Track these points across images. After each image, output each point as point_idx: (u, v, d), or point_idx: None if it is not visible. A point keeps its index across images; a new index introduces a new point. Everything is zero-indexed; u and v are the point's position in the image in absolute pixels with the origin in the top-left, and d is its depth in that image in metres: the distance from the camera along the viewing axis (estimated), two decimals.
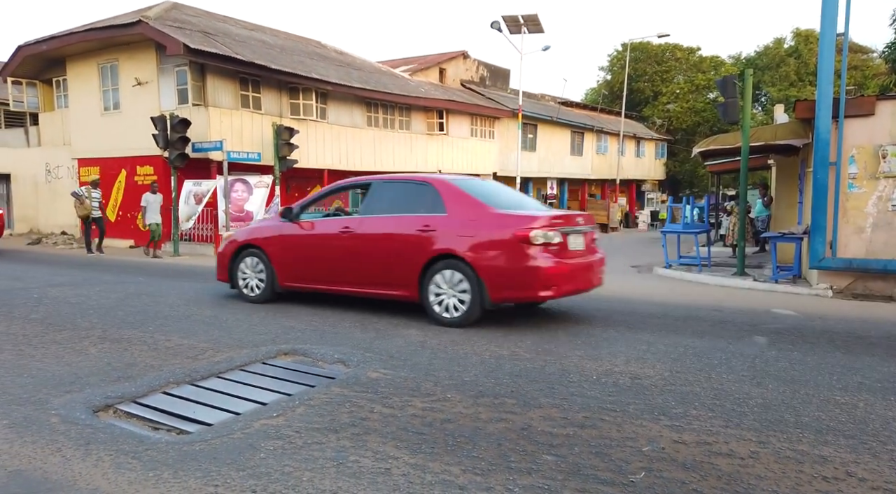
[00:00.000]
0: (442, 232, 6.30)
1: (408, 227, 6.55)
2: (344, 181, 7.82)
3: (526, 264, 5.93)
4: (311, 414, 3.53)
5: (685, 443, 3.19)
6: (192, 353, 4.88)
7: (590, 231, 6.83)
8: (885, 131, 9.10)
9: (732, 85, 11.05)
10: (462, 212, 6.35)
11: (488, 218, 6.24)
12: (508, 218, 6.19)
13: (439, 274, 6.26)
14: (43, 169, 20.07)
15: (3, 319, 6.17)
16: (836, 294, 9.25)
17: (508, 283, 6.05)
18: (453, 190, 6.57)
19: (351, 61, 22.91)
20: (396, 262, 6.55)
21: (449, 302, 6.23)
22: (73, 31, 17.11)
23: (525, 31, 25.05)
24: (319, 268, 7.17)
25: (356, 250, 6.85)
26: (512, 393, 3.97)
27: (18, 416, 3.45)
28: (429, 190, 6.67)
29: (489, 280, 6.02)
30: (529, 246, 5.93)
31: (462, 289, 6.15)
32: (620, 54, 42.54)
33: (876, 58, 36.80)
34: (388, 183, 7.30)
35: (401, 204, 6.86)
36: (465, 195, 6.51)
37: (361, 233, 6.85)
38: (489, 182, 7.62)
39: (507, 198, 6.94)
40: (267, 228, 7.73)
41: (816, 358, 5.10)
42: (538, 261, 5.92)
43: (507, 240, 6.01)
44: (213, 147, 15.34)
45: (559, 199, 32.06)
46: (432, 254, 6.30)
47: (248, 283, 7.63)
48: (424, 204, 6.60)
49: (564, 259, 6.18)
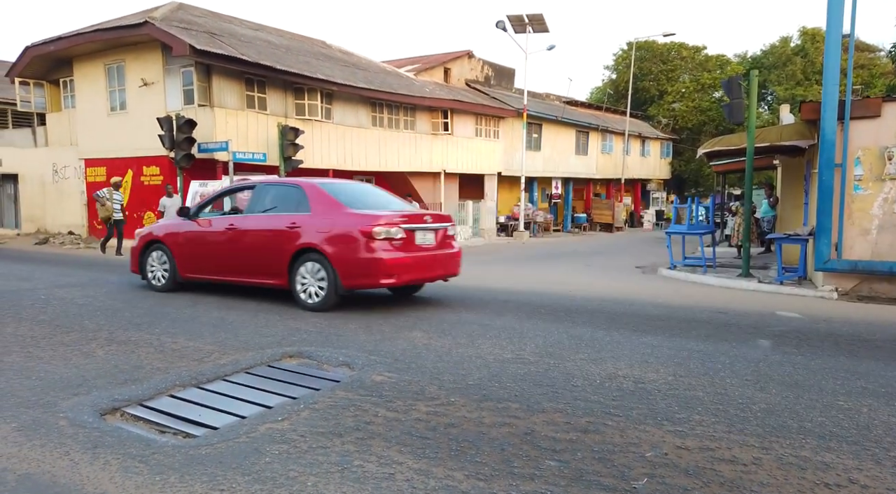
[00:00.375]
0: (306, 229, 7.26)
1: (279, 225, 7.51)
2: (235, 183, 9.25)
3: (370, 256, 6.91)
4: (316, 418, 3.55)
5: (688, 449, 3.20)
6: (199, 356, 4.92)
7: (442, 228, 7.75)
8: (891, 133, 9.07)
9: (737, 85, 11.03)
10: (322, 212, 7.32)
11: (342, 216, 7.19)
12: (357, 216, 7.12)
13: (303, 265, 7.24)
14: (50, 169, 20.18)
15: (12, 321, 6.22)
16: (842, 296, 9.23)
17: (356, 272, 7.00)
18: (318, 192, 7.54)
19: (356, 61, 22.95)
20: (270, 255, 7.51)
21: (311, 290, 7.20)
22: (80, 32, 17.20)
23: (530, 30, 25.06)
24: (211, 261, 8.14)
25: (239, 245, 7.82)
26: (516, 397, 3.98)
27: (27, 419, 3.49)
28: (299, 192, 7.64)
29: (341, 270, 6.98)
30: (373, 240, 6.91)
31: (321, 278, 7.12)
32: (626, 53, 42.48)
33: (883, 57, 36.58)
34: (267, 185, 8.27)
35: (276, 204, 7.80)
36: (328, 196, 7.46)
37: (243, 230, 7.82)
38: (358, 185, 8.59)
39: (368, 200, 7.81)
40: (170, 225, 8.72)
41: (820, 361, 5.10)
42: (380, 254, 6.91)
43: (354, 235, 6.99)
44: (218, 147, 15.40)
45: (564, 199, 32.06)
46: (297, 248, 7.25)
47: (155, 274, 8.60)
48: (294, 204, 7.57)
49: (408, 252, 7.18)
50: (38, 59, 18.75)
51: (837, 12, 8.92)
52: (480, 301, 8.16)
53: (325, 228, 7.16)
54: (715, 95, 39.34)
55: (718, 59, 42.71)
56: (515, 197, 27.64)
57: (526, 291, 9.35)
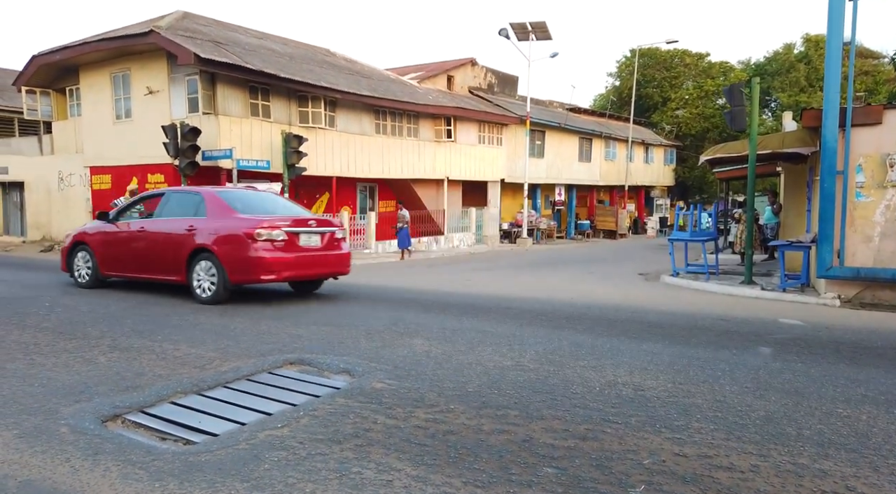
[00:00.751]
0: (200, 231, 8.17)
1: (179, 228, 8.41)
2: (149, 191, 10.78)
3: (252, 255, 7.82)
4: (316, 425, 3.57)
5: (686, 456, 3.21)
6: (200, 363, 4.95)
7: (329, 232, 8.69)
8: (892, 140, 9.07)
9: (739, 92, 11.06)
10: (216, 216, 8.24)
11: (231, 220, 8.11)
12: (244, 220, 8.04)
13: (198, 263, 8.14)
14: (56, 176, 20.33)
15: (15, 328, 6.26)
16: (844, 303, 9.21)
17: (240, 269, 7.89)
18: (214, 198, 8.50)
19: (360, 69, 23.07)
20: (171, 255, 8.41)
21: (204, 285, 8.08)
22: (86, 41, 17.35)
23: (533, 38, 25.16)
24: (125, 260, 9.05)
25: (147, 245, 8.75)
26: (515, 405, 4.00)
27: (29, 426, 3.52)
28: (199, 198, 8.59)
29: (228, 267, 7.89)
30: (255, 241, 7.82)
31: (212, 274, 8.01)
32: (629, 60, 42.57)
33: (886, 63, 36.56)
34: (174, 192, 9.25)
35: (180, 209, 8.68)
36: (222, 202, 8.41)
37: (151, 232, 8.78)
38: (258, 193, 9.55)
39: (262, 206, 8.72)
40: (94, 228, 9.57)
41: (821, 369, 5.10)
42: (261, 253, 7.82)
43: (240, 236, 7.89)
44: (222, 155, 15.50)
45: (567, 205, 32.08)
46: (193, 248, 8.16)
47: (80, 273, 9.48)
48: (194, 209, 8.47)
49: (290, 252, 8.09)
50: (44, 67, 18.92)
51: (838, 19, 8.95)
52: (482, 308, 8.18)
53: (216, 231, 8.08)
54: (718, 102, 39.36)
55: (722, 65, 42.73)
56: (519, 203, 27.67)
57: (527, 298, 9.36)
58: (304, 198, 19.91)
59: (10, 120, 23.81)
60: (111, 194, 17.65)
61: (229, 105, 16.40)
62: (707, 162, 14.08)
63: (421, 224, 22.93)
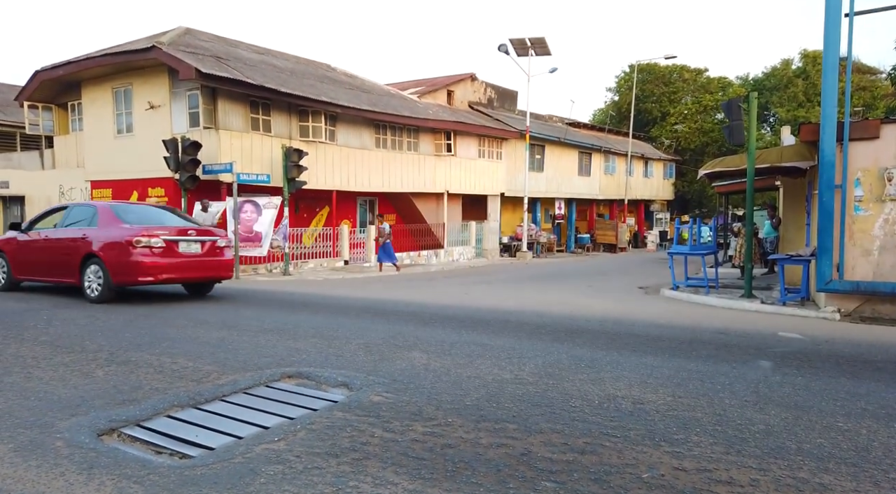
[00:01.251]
0: (92, 239, 9.39)
1: (75, 236, 9.65)
2: (56, 205, 12.03)
3: (131, 260, 9.00)
4: (312, 439, 3.55)
5: (685, 470, 3.18)
6: (198, 376, 4.93)
7: (210, 241, 9.89)
8: (890, 154, 9.11)
9: (737, 107, 11.11)
10: (105, 226, 9.47)
11: (116, 230, 9.32)
12: (126, 229, 9.23)
13: (89, 267, 9.36)
14: (56, 190, 20.37)
15: (14, 341, 6.25)
16: (844, 316, 9.19)
17: (121, 272, 9.09)
18: (106, 210, 9.76)
19: (360, 84, 23.21)
20: (67, 260, 9.61)
21: (93, 286, 9.31)
22: (88, 57, 17.48)
23: (532, 53, 25.34)
24: (33, 265, 10.30)
25: (50, 252, 9.96)
26: (513, 418, 3.97)
27: (24, 440, 3.50)
28: (93, 210, 9.87)
29: (111, 270, 9.10)
30: (134, 247, 9.01)
31: (99, 276, 9.25)
32: (628, 75, 42.86)
33: (883, 79, 36.79)
34: (75, 206, 10.50)
35: (78, 220, 9.88)
36: (111, 214, 9.64)
37: (53, 240, 9.98)
38: (148, 207, 11.05)
39: (150, 218, 9.92)
40: (10, 237, 10.80)
41: (821, 383, 5.08)
42: (139, 258, 9.01)
43: (122, 243, 9.09)
44: (223, 169, 15.55)
45: (567, 219, 32.12)
46: (84, 254, 9.38)
47: None
48: (89, 220, 9.71)
49: (168, 257, 9.29)
50: (47, 82, 19.03)
51: (835, 35, 9.02)
52: (481, 321, 8.16)
53: (103, 239, 9.29)
54: (717, 117, 39.56)
55: (720, 81, 42.99)
56: (518, 217, 27.71)
57: (527, 311, 9.34)
58: (305, 212, 19.97)
59: (12, 134, 23.92)
60: None
61: (230, 119, 16.49)
62: (706, 175, 14.12)
63: (421, 237, 22.96)
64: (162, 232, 9.34)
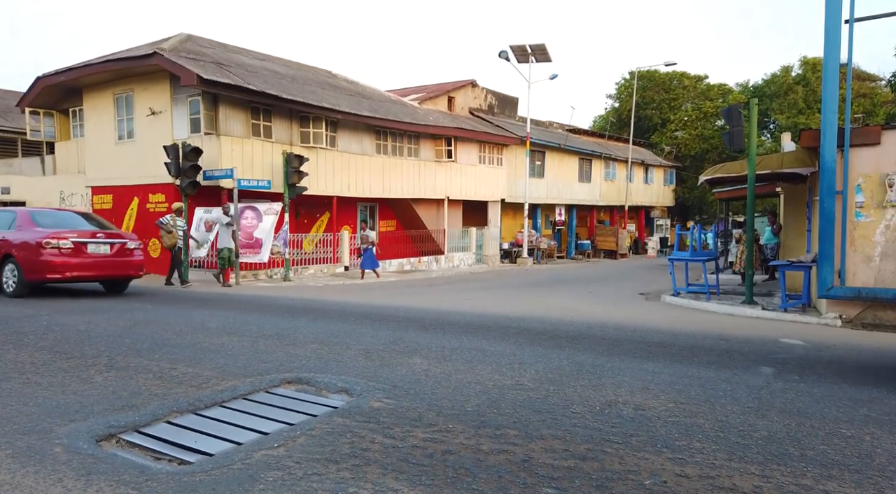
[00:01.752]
0: (9, 241, 10.59)
1: None
2: None
3: (40, 259, 10.19)
4: (312, 445, 3.53)
5: (688, 477, 3.16)
6: (197, 382, 4.91)
7: (119, 243, 11.07)
8: (891, 160, 9.11)
9: (737, 113, 11.13)
10: (22, 229, 10.66)
11: (30, 233, 10.48)
12: (38, 232, 10.42)
13: (6, 266, 10.59)
14: (57, 196, 20.38)
15: (13, 347, 6.23)
16: (846, 323, 9.17)
17: (32, 270, 10.30)
18: (24, 215, 11.03)
19: (361, 90, 23.26)
20: None
21: (9, 283, 10.58)
22: (90, 63, 17.53)
23: (533, 60, 25.42)
24: None
25: None
26: (514, 424, 3.95)
27: (22, 445, 3.48)
28: (13, 215, 11.07)
29: (24, 268, 10.33)
30: (44, 248, 10.18)
31: (15, 274, 10.48)
32: (628, 82, 42.94)
33: (884, 85, 36.87)
34: (1, 212, 11.53)
35: (1, 224, 10.95)
36: (28, 218, 10.88)
37: None
38: (65, 213, 12.18)
39: (65, 223, 11.05)
40: None
41: (823, 389, 5.05)
42: (47, 257, 10.18)
43: (33, 245, 10.28)
44: (223, 175, 15.56)
45: (567, 225, 32.11)
46: (3, 254, 10.58)
47: None
48: (9, 224, 10.88)
49: (76, 257, 10.41)
50: (48, 89, 19.07)
51: (835, 42, 9.04)
52: (481, 327, 8.14)
53: (19, 241, 10.47)
54: (717, 123, 39.62)
55: (720, 87, 43.08)
56: (519, 223, 27.71)
57: (528, 317, 9.32)
58: (305, 218, 19.97)
59: (14, 140, 23.95)
60: (111, 213, 17.72)
61: (231, 125, 16.51)
62: (706, 182, 14.12)
63: (421, 243, 22.96)
64: (71, 234, 10.44)
